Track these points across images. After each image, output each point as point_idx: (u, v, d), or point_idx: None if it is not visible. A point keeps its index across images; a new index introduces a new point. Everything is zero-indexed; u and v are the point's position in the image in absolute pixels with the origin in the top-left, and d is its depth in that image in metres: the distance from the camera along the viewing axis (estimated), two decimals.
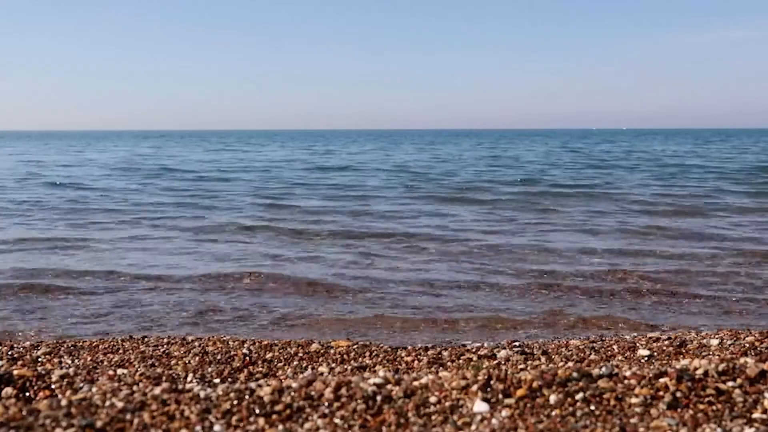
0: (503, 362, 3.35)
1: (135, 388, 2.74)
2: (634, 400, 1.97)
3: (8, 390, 2.65)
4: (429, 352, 3.55)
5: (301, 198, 13.16)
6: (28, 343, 3.86)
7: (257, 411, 1.91)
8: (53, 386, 2.77)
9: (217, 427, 1.81)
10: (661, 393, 2.00)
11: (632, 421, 1.85)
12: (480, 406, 1.95)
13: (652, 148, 39.89)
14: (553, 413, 1.91)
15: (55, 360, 3.41)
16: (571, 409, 1.93)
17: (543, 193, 14.03)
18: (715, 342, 3.67)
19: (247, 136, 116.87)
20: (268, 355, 3.51)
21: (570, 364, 3.31)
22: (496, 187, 15.35)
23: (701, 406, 1.95)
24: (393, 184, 16.28)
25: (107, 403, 1.90)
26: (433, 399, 2.00)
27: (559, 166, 23.22)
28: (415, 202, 12.26)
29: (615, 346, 3.68)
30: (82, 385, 2.82)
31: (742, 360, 2.23)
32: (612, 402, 1.97)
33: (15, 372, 2.78)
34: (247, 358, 3.45)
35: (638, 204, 11.81)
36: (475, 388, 2.05)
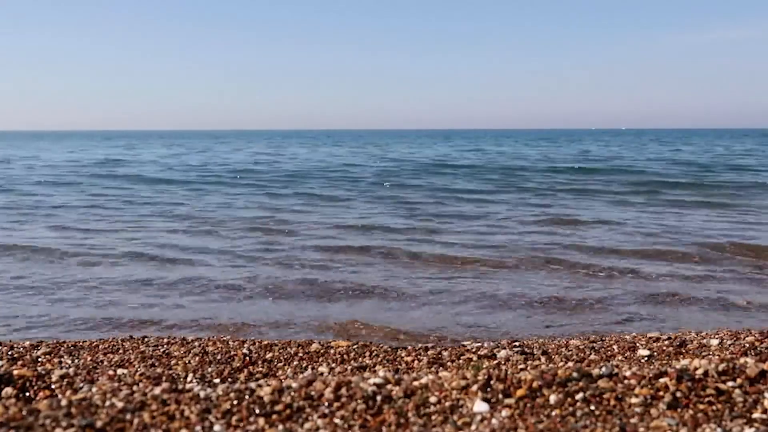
0: (503, 362, 3.35)
1: (135, 388, 2.74)
2: (634, 400, 1.97)
3: (8, 390, 2.65)
4: (429, 352, 3.55)
5: None
6: (27, 342, 3.86)
7: (257, 411, 1.91)
8: (53, 386, 2.77)
9: (217, 427, 1.81)
10: (661, 393, 2.00)
11: (632, 421, 1.85)
12: (480, 406, 1.95)
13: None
14: (553, 413, 1.91)
15: (55, 360, 3.41)
16: (571, 409, 1.93)
17: None
18: (715, 342, 3.67)
19: (219, 136, 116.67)
20: (268, 355, 3.51)
21: (570, 364, 3.31)
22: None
23: (701, 406, 1.94)
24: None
25: (107, 403, 1.90)
26: (433, 399, 2.00)
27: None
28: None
29: (615, 346, 3.68)
30: (82, 385, 2.82)
31: (742, 360, 2.23)
32: (612, 402, 1.97)
33: (15, 372, 2.78)
34: (247, 358, 3.45)
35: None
36: (475, 388, 2.05)
